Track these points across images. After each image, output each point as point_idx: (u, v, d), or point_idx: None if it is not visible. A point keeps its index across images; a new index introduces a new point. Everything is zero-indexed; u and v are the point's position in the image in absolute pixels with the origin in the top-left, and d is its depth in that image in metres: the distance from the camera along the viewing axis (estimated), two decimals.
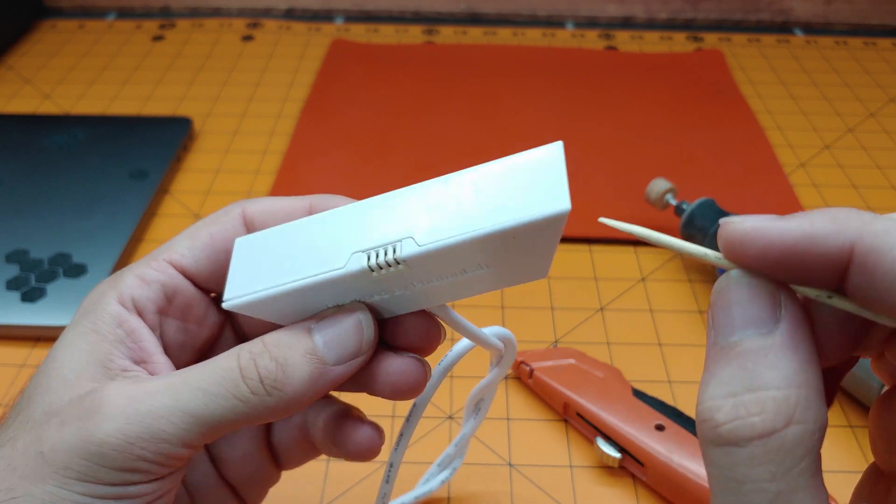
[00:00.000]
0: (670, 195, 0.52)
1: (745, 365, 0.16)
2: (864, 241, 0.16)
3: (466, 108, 0.68)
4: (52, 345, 0.25)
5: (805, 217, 0.17)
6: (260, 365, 0.21)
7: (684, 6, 0.85)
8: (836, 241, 0.16)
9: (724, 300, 0.17)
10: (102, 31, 0.82)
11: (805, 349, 0.16)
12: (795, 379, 0.16)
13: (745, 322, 0.17)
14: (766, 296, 0.17)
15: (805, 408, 0.15)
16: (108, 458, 0.20)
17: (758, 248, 0.17)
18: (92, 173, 0.57)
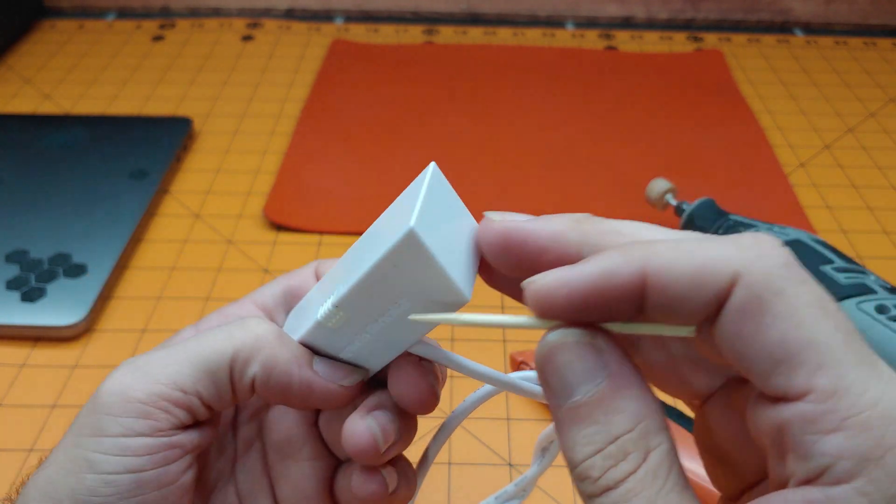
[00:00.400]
0: (670, 195, 0.52)
1: (597, 419, 0.17)
2: (651, 262, 0.17)
3: (466, 108, 0.68)
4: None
5: (597, 257, 0.18)
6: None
7: (684, 6, 0.86)
8: (629, 270, 0.17)
9: (551, 366, 0.19)
10: (102, 31, 0.82)
11: (636, 381, 0.18)
12: (640, 413, 0.17)
13: (579, 380, 0.18)
14: (586, 348, 0.18)
15: (656, 433, 0.17)
16: (107, 406, 0.23)
17: (563, 297, 0.18)
18: (92, 173, 0.57)
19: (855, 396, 0.15)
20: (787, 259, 0.17)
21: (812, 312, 0.16)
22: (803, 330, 0.16)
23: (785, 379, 0.16)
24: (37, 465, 0.24)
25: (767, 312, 0.16)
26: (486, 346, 0.46)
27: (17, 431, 0.41)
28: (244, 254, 0.53)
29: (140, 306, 0.49)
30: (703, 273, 0.16)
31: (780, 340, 0.16)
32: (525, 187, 0.59)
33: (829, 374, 0.15)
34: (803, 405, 0.16)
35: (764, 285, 0.16)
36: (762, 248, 0.17)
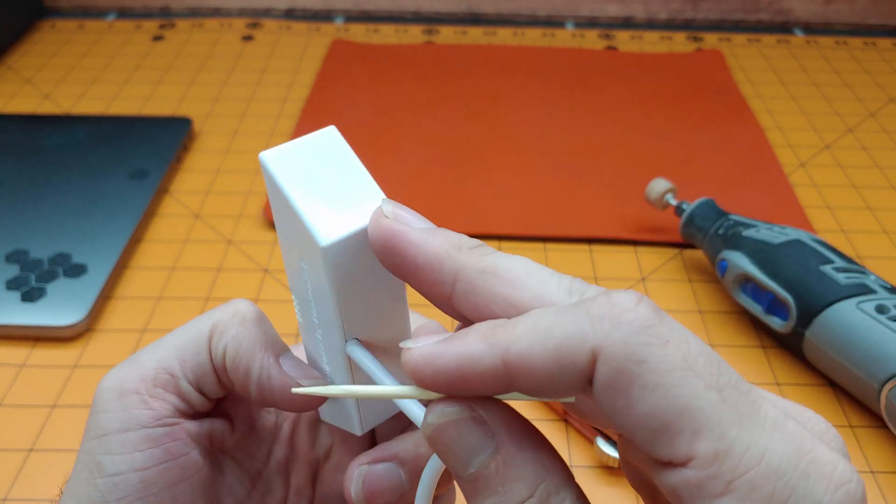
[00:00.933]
0: (670, 195, 0.52)
1: (496, 490, 0.17)
2: (510, 352, 0.16)
3: (466, 108, 0.68)
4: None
5: (461, 340, 0.17)
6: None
7: (684, 6, 0.86)
8: (490, 359, 0.17)
9: (439, 443, 0.18)
10: (102, 31, 0.82)
11: (529, 444, 0.17)
12: (539, 475, 0.17)
13: (468, 454, 0.18)
14: (467, 423, 0.18)
15: (557, 491, 0.17)
16: (105, 402, 0.23)
17: (430, 375, 0.18)
18: (92, 173, 0.57)
19: (737, 456, 0.15)
20: (644, 319, 0.16)
21: (679, 375, 0.15)
22: (673, 396, 0.15)
23: (667, 448, 0.15)
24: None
25: (634, 384, 0.15)
26: None
27: (17, 431, 0.41)
28: (244, 254, 0.53)
29: (140, 306, 0.49)
30: (562, 356, 0.16)
31: (653, 412, 0.15)
32: (525, 187, 0.59)
33: (707, 437, 0.15)
34: (688, 472, 0.15)
35: (623, 357, 0.15)
36: (616, 315, 0.16)
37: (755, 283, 0.45)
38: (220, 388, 0.25)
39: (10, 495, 0.38)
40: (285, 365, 0.24)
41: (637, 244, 0.54)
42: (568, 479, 0.17)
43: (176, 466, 0.23)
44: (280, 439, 0.28)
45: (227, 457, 0.26)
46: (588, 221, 0.55)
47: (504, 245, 0.54)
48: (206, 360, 0.24)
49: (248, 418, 0.27)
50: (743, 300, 0.46)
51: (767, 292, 0.45)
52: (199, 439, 0.24)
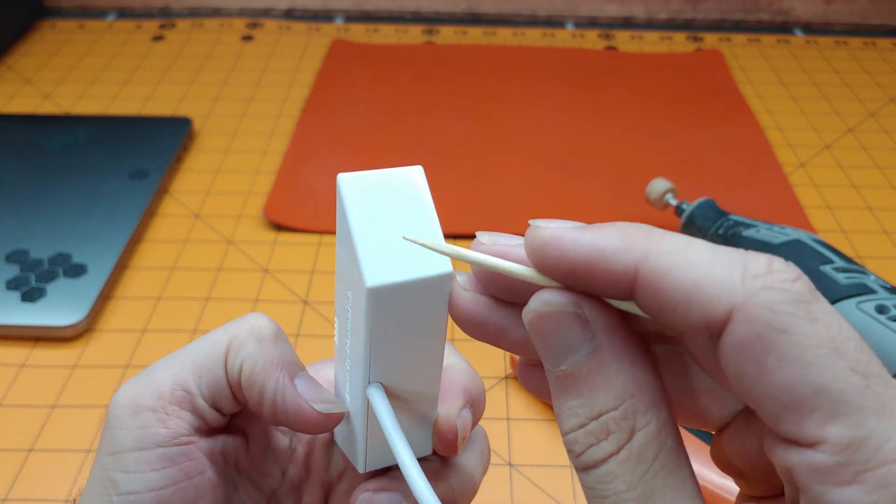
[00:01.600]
0: (670, 195, 0.52)
1: (582, 392, 0.17)
2: (647, 262, 0.16)
3: (466, 108, 0.68)
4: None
5: (599, 230, 0.17)
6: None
7: (684, 6, 0.85)
8: (623, 260, 0.16)
9: (537, 333, 0.18)
10: (102, 31, 0.82)
11: (628, 357, 0.17)
12: (627, 391, 0.16)
13: (563, 350, 0.17)
14: (571, 318, 0.17)
15: (644, 412, 0.16)
16: (120, 419, 0.23)
17: (554, 257, 0.17)
18: (92, 173, 0.57)
19: (873, 448, 0.14)
20: (798, 294, 0.15)
21: (823, 353, 0.14)
22: (813, 374, 0.14)
23: (795, 426, 0.14)
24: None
25: (771, 353, 0.14)
26: (486, 345, 0.46)
27: (17, 431, 0.41)
28: (244, 254, 0.53)
29: (140, 306, 0.49)
30: (696, 295, 0.15)
31: (787, 385, 0.14)
32: (525, 187, 0.59)
33: (843, 422, 0.14)
34: (816, 454, 0.14)
35: (766, 323, 0.14)
36: (770, 279, 0.15)
37: None
38: (234, 403, 0.24)
39: (10, 495, 0.38)
40: (300, 386, 0.23)
41: None
42: (658, 403, 0.16)
43: (191, 486, 0.23)
44: (295, 459, 0.27)
45: (241, 475, 0.26)
46: (587, 221, 0.55)
47: None
48: (221, 375, 0.24)
49: (263, 436, 0.26)
50: None
51: None
52: (214, 458, 0.24)
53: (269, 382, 0.23)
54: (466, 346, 0.46)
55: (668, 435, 0.16)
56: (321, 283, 0.50)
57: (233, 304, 0.49)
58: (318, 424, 0.23)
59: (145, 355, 0.45)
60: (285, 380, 0.23)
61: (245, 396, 0.24)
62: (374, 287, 0.19)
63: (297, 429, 0.24)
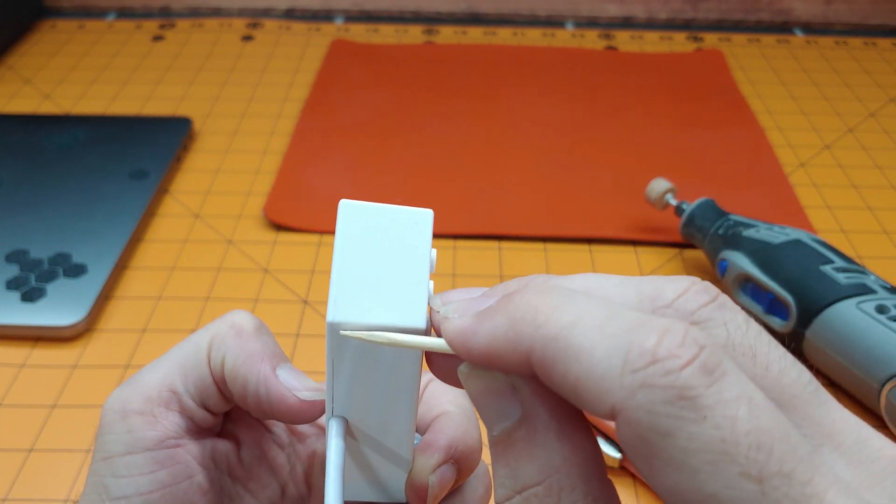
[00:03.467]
0: (670, 195, 0.52)
1: (509, 462, 0.16)
2: (534, 354, 0.15)
3: (466, 108, 0.68)
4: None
5: (490, 319, 0.16)
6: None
7: (684, 6, 0.85)
8: (514, 355, 0.15)
9: (469, 395, 0.17)
10: (102, 31, 0.82)
11: (555, 427, 0.16)
12: (552, 465, 0.15)
13: (493, 415, 0.17)
14: (499, 384, 0.16)
15: (570, 490, 0.15)
16: (109, 424, 0.23)
17: (460, 351, 0.17)
18: (92, 173, 0.57)
19: None
20: (684, 388, 0.13)
21: (710, 458, 0.13)
22: (700, 481, 0.13)
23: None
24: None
25: (656, 457, 0.13)
26: None
27: (17, 431, 0.41)
28: (244, 254, 0.53)
29: (140, 306, 0.49)
30: (582, 391, 0.14)
31: (676, 490, 0.13)
32: (525, 187, 0.59)
33: None
34: None
35: (647, 426, 0.13)
36: (651, 372, 0.13)
37: (755, 283, 0.45)
38: (223, 401, 0.24)
39: (10, 495, 0.38)
40: (282, 376, 0.23)
41: (637, 244, 0.54)
42: (587, 477, 0.15)
43: (180, 490, 0.23)
44: (295, 476, 0.27)
45: (236, 483, 0.26)
46: (588, 221, 0.55)
47: (504, 245, 0.54)
48: (206, 373, 0.24)
49: (256, 444, 0.26)
50: (743, 300, 0.46)
51: (767, 292, 0.45)
52: (205, 462, 0.24)
53: (251, 374, 0.23)
54: None
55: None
56: (321, 283, 0.50)
57: (233, 305, 0.49)
58: (301, 412, 0.23)
59: (145, 355, 0.45)
60: (267, 370, 0.23)
61: (230, 391, 0.24)
62: (333, 322, 0.18)
63: (282, 418, 0.24)
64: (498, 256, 0.53)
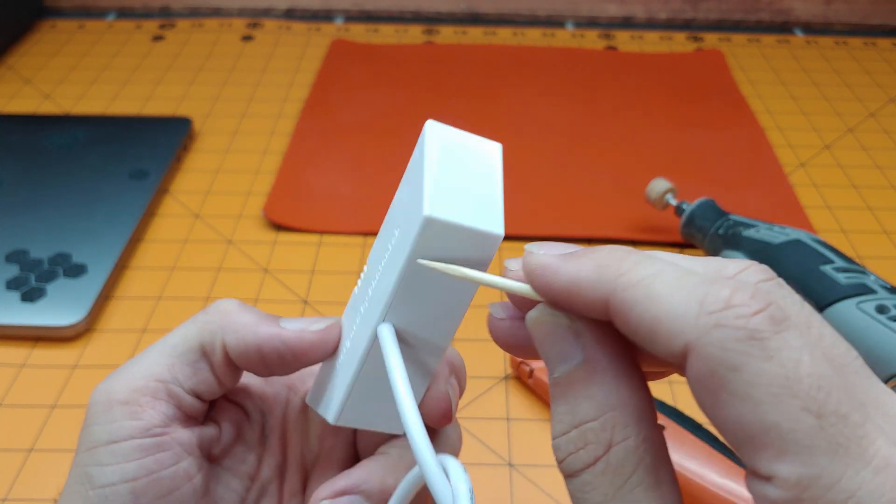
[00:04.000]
0: (670, 195, 0.52)
1: (568, 400, 0.17)
2: (615, 295, 0.16)
3: (466, 108, 0.68)
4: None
5: (577, 260, 0.17)
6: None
7: (684, 6, 0.85)
8: (594, 293, 0.17)
9: (536, 339, 0.19)
10: (102, 31, 0.82)
11: (613, 371, 0.17)
12: (608, 404, 0.17)
13: (556, 359, 0.18)
14: (563, 330, 0.18)
15: (623, 427, 0.17)
16: (94, 414, 0.23)
17: (540, 284, 0.18)
18: (92, 173, 0.57)
19: (823, 488, 0.14)
20: (754, 330, 0.15)
21: (774, 392, 0.14)
22: (763, 412, 0.14)
23: (750, 459, 0.15)
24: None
25: (723, 390, 0.15)
26: (486, 345, 0.46)
27: (17, 431, 0.41)
28: (244, 254, 0.53)
29: (140, 306, 0.49)
30: (656, 331, 0.16)
31: (738, 421, 0.15)
32: (524, 187, 0.59)
33: (793, 461, 0.14)
34: (770, 488, 0.14)
35: (718, 360, 0.15)
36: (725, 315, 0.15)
37: None
38: (219, 386, 0.25)
39: (10, 495, 0.38)
40: (286, 324, 0.24)
41: (637, 244, 0.54)
42: (640, 419, 0.17)
43: (166, 476, 0.23)
44: (271, 447, 0.28)
45: (218, 465, 0.26)
46: (588, 221, 0.55)
47: (503, 245, 0.54)
48: (200, 362, 0.24)
49: (234, 425, 0.27)
50: None
51: None
52: (191, 448, 0.24)
53: (262, 338, 0.24)
54: (466, 346, 0.46)
55: (647, 452, 0.17)
56: (321, 282, 0.50)
57: None
58: (323, 342, 0.24)
59: None
60: (274, 327, 0.24)
61: (244, 367, 0.24)
62: (429, 216, 0.20)
63: (305, 359, 0.24)
64: (497, 256, 0.53)
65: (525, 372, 0.42)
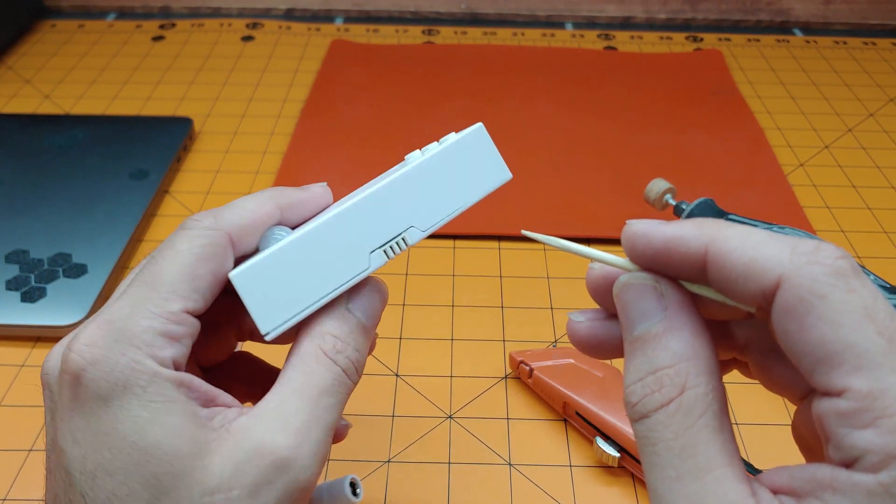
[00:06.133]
0: (669, 195, 0.52)
1: (646, 352, 0.20)
2: (715, 243, 0.19)
3: (466, 109, 0.68)
4: (53, 345, 0.25)
5: (678, 223, 0.20)
6: (351, 358, 0.25)
7: (683, 6, 0.86)
8: (696, 242, 0.19)
9: (621, 302, 0.21)
10: (102, 31, 0.82)
11: (690, 328, 0.20)
12: (684, 354, 0.19)
13: (639, 317, 0.20)
14: (649, 291, 0.21)
15: (695, 375, 0.19)
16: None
17: (643, 243, 0.21)
18: (92, 173, 0.57)
19: (890, 399, 0.16)
20: (839, 268, 0.17)
21: (854, 318, 0.17)
22: (843, 333, 0.17)
23: (826, 377, 0.17)
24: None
25: (810, 314, 0.17)
26: (487, 345, 0.46)
27: (17, 431, 0.41)
28: None
29: None
30: (753, 268, 0.18)
31: (821, 341, 0.17)
32: (524, 187, 0.59)
33: (866, 375, 0.16)
34: (841, 401, 0.17)
35: (808, 289, 0.17)
36: (815, 255, 0.18)
37: None
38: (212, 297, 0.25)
39: (10, 495, 0.38)
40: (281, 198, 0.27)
41: None
42: (710, 372, 0.19)
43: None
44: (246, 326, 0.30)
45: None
46: (587, 221, 0.55)
47: (503, 245, 0.54)
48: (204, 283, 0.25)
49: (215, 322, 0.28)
50: None
51: None
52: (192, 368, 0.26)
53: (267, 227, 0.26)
54: (466, 346, 0.46)
55: (715, 400, 0.19)
56: None
57: None
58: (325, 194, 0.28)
59: None
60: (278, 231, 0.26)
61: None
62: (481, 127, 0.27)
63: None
64: (497, 256, 0.53)
65: (525, 372, 0.42)
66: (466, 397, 0.43)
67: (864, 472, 0.16)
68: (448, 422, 0.42)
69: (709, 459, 0.18)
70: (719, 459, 0.18)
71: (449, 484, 0.39)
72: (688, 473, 0.18)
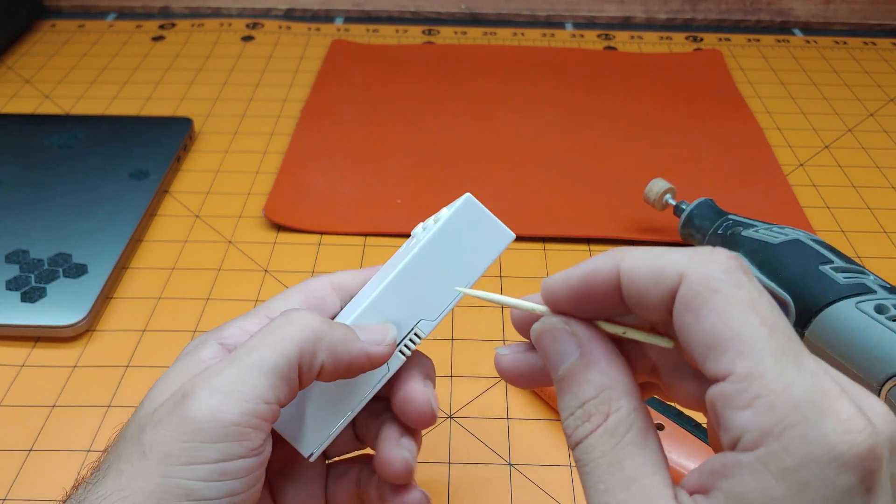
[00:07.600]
0: (669, 195, 0.52)
1: (571, 389, 0.22)
2: (624, 261, 0.21)
3: (466, 108, 0.68)
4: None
5: (589, 260, 0.22)
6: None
7: (683, 6, 0.86)
8: (608, 265, 0.21)
9: (540, 348, 0.23)
10: (102, 31, 0.82)
11: (605, 358, 0.22)
12: (603, 384, 0.21)
13: (559, 358, 0.22)
14: (562, 333, 0.23)
15: (617, 399, 0.21)
16: (201, 432, 0.24)
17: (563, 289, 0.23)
18: (92, 173, 0.57)
19: (768, 381, 0.18)
20: (731, 267, 0.19)
21: (741, 309, 0.19)
22: (731, 323, 0.19)
23: (714, 363, 0.19)
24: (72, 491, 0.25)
25: (704, 306, 0.19)
26: (486, 345, 0.46)
27: (17, 431, 0.41)
28: (244, 254, 0.53)
29: (140, 306, 0.49)
30: (658, 272, 0.20)
31: (712, 330, 0.19)
32: (524, 187, 0.59)
33: (747, 360, 0.18)
34: (725, 385, 0.18)
35: (703, 284, 0.19)
36: (710, 257, 0.20)
37: None
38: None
39: (10, 495, 0.38)
40: (363, 337, 0.27)
41: (636, 244, 0.54)
42: (630, 393, 0.21)
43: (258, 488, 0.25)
44: None
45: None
46: (587, 221, 0.55)
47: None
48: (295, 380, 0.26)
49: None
50: None
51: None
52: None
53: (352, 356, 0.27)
54: (466, 346, 0.46)
55: (637, 418, 0.21)
56: None
57: (233, 304, 0.49)
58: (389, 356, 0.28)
59: (145, 355, 0.45)
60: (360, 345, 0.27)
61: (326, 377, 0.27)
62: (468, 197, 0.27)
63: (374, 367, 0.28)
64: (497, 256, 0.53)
65: None
66: (466, 397, 0.43)
67: (744, 450, 0.18)
68: (448, 422, 0.42)
69: (635, 470, 0.20)
70: (644, 470, 0.20)
71: (449, 484, 0.39)
72: (616, 485, 0.20)
